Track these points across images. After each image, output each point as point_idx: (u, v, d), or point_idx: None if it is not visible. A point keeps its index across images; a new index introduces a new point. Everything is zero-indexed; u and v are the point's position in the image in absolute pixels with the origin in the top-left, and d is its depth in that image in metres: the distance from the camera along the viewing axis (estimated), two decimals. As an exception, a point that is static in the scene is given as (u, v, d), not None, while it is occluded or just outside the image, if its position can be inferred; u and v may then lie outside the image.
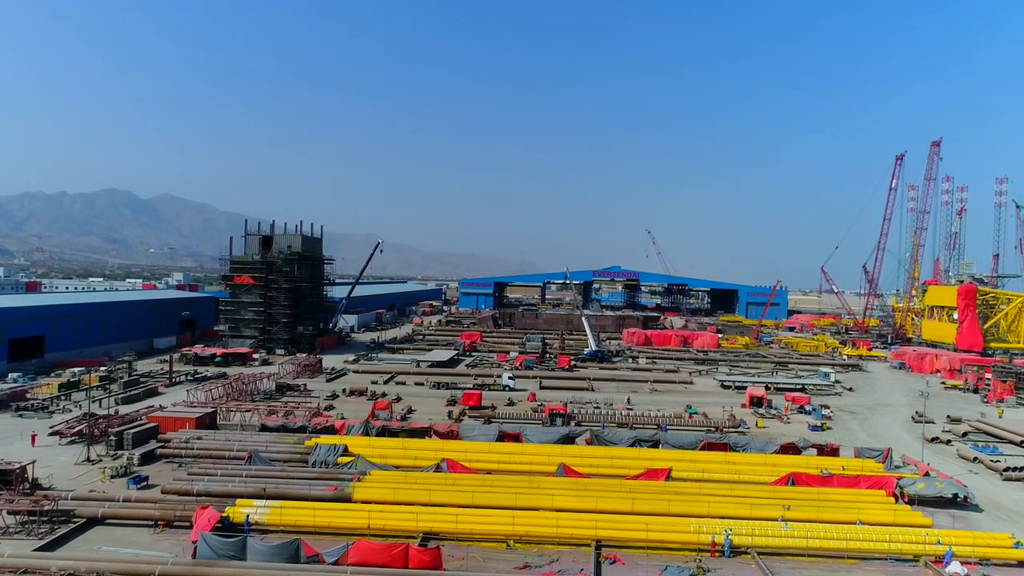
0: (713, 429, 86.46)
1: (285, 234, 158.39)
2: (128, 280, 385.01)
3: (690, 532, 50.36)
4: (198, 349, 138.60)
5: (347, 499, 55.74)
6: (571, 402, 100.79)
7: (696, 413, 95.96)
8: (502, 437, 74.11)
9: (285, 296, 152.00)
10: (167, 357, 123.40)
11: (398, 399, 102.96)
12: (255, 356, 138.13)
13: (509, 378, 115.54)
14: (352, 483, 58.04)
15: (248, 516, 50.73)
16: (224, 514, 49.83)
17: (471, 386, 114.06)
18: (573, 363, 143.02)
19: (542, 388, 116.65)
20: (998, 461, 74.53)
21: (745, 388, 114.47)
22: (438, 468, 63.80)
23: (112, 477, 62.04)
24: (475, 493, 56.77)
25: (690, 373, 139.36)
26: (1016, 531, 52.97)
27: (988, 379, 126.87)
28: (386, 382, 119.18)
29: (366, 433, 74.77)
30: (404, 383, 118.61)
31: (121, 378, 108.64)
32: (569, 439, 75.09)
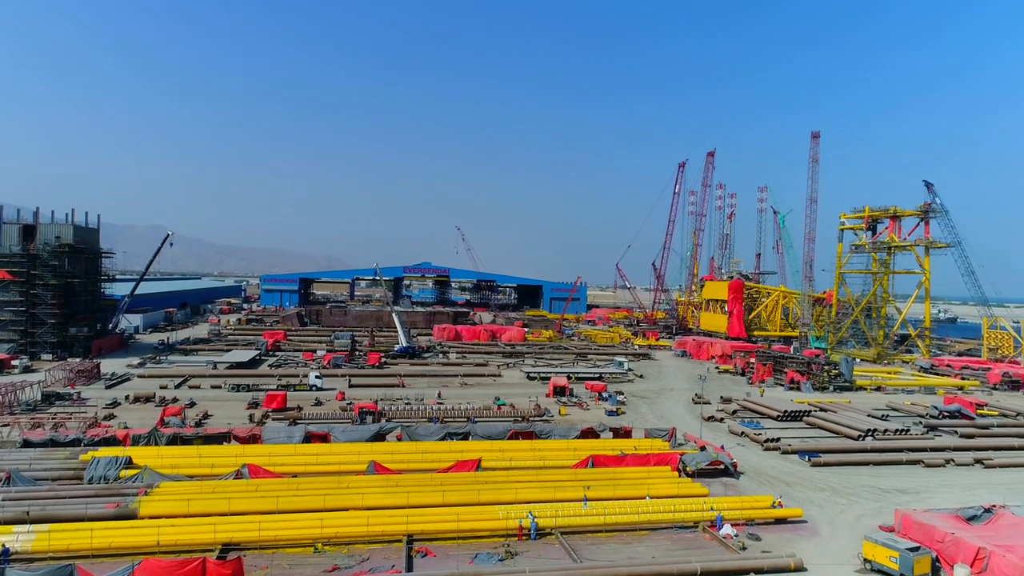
0: (520, 419, 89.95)
1: (53, 223, 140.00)
2: None
3: (499, 519, 51.87)
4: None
5: (132, 516, 50.57)
6: (382, 399, 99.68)
7: (504, 404, 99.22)
8: (309, 438, 71.47)
9: (53, 294, 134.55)
10: None
11: (192, 404, 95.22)
12: (14, 363, 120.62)
13: (317, 377, 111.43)
14: (138, 498, 52.80)
15: (7, 545, 44.20)
16: (-26, 545, 42.97)
17: (275, 387, 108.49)
18: (384, 360, 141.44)
19: (352, 386, 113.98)
20: (760, 434, 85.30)
21: (549, 379, 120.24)
22: (239, 475, 60.06)
23: None
24: (280, 498, 54.21)
25: (498, 366, 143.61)
26: (775, 493, 60.96)
27: (752, 363, 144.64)
28: (178, 386, 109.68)
29: (154, 442, 68.50)
30: (199, 387, 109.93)
31: None
32: (380, 437, 74.20)
